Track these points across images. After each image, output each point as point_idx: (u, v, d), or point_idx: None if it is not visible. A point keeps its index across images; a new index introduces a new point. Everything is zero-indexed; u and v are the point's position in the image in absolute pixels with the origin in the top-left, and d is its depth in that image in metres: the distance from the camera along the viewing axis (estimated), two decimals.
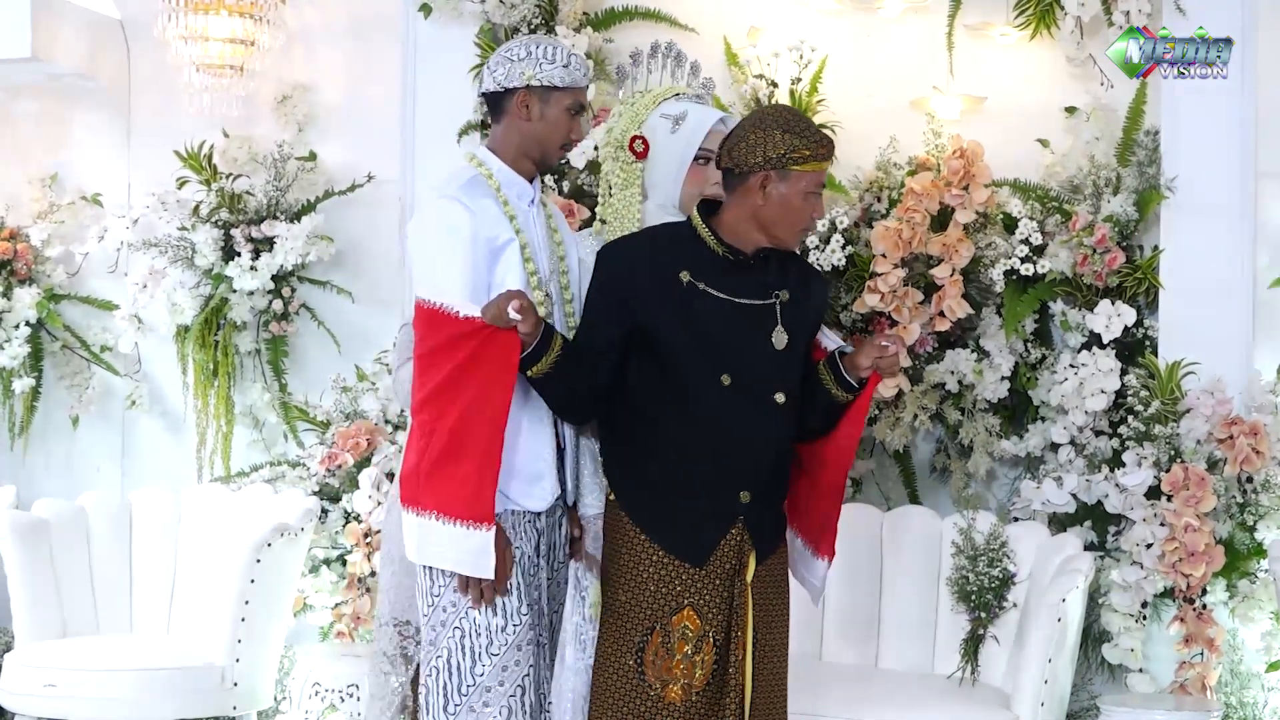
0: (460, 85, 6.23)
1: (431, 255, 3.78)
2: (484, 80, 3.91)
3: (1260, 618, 5.47)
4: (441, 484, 3.67)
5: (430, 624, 3.78)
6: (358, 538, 5.88)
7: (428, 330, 3.70)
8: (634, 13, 6.32)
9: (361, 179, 6.44)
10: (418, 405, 3.72)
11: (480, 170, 3.87)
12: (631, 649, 3.81)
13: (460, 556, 3.67)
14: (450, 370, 3.66)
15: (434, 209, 3.80)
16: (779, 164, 3.78)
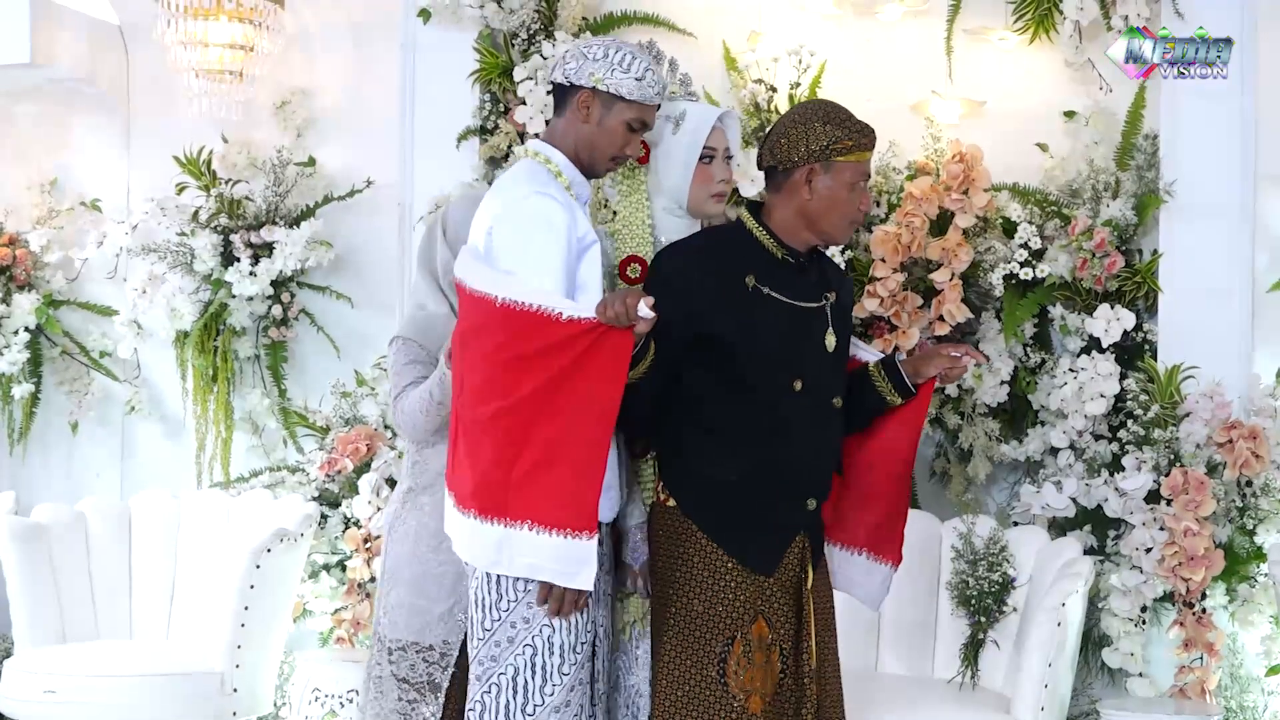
0: (460, 90, 6.23)
1: (527, 255, 3.61)
2: (554, 69, 3.82)
3: (1260, 622, 5.47)
4: (537, 492, 3.53)
5: (493, 639, 3.65)
6: (357, 543, 5.87)
7: (514, 334, 3.54)
8: (632, 18, 6.32)
9: (361, 184, 6.45)
10: (498, 411, 3.55)
11: (549, 166, 3.76)
12: (713, 659, 3.74)
13: (560, 567, 3.53)
14: (552, 374, 3.51)
15: (529, 205, 3.63)
16: (822, 156, 3.77)
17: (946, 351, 4.03)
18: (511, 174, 3.77)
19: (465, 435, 3.65)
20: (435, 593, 4.08)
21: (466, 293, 3.66)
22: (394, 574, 4.16)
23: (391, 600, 4.15)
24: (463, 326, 3.69)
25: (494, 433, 3.56)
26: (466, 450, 3.63)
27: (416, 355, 4.09)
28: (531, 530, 3.54)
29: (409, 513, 4.14)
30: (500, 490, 3.56)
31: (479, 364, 3.60)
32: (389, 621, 4.14)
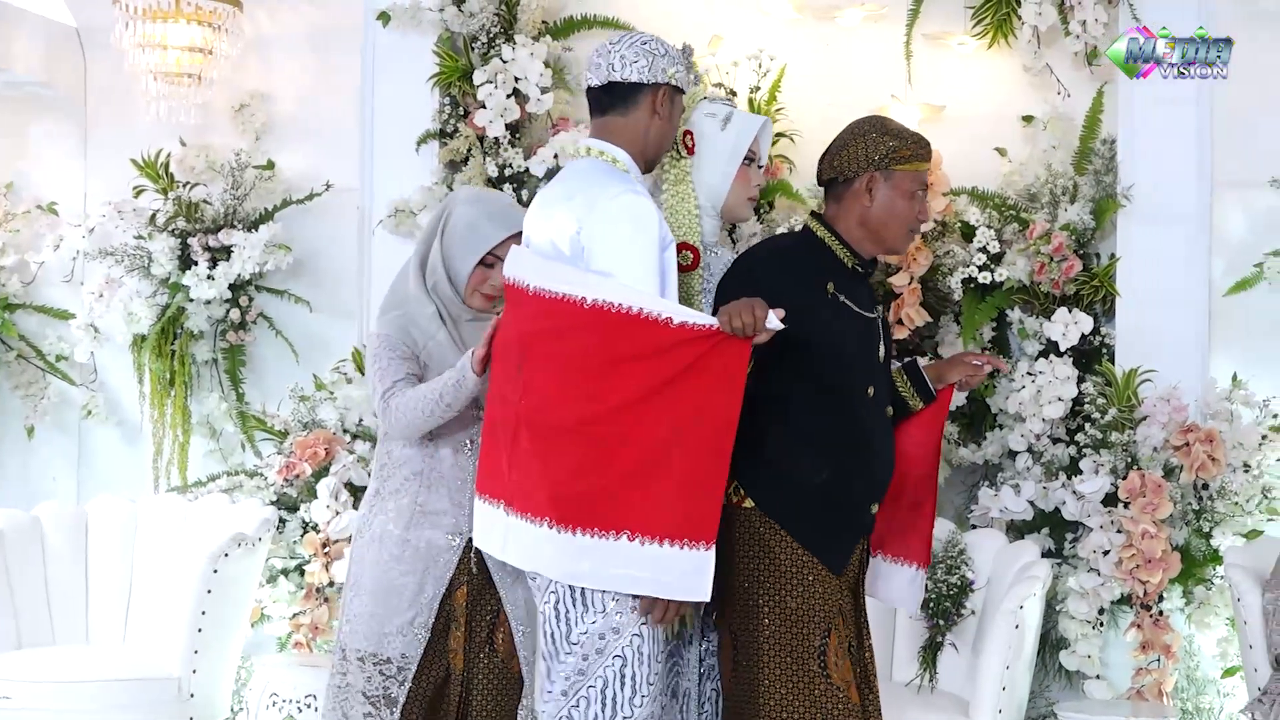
0: (419, 93, 6.22)
1: (626, 255, 3.51)
2: (614, 68, 3.70)
3: (1216, 624, 5.50)
4: (641, 501, 3.42)
5: (580, 652, 3.53)
6: (316, 548, 5.85)
7: (609, 337, 3.44)
8: (593, 21, 6.33)
9: (320, 188, 6.42)
10: (587, 417, 3.44)
11: (616, 165, 3.69)
12: (814, 653, 3.74)
13: (669, 578, 3.41)
14: (657, 381, 3.41)
15: (625, 204, 3.53)
16: (882, 164, 3.86)
17: (969, 359, 4.14)
18: (584, 173, 3.67)
19: (534, 442, 3.53)
20: (396, 604, 4.03)
21: (533, 295, 3.56)
22: (357, 581, 4.09)
23: (354, 608, 4.07)
24: (528, 329, 3.58)
25: (581, 440, 3.46)
26: (535, 457, 3.52)
27: (403, 351, 4.04)
28: (633, 540, 3.42)
29: (375, 517, 4.10)
30: (589, 499, 3.46)
31: (558, 368, 3.51)
32: (349, 631, 4.08)
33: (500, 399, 3.69)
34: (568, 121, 6.17)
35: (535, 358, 3.56)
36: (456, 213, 4.09)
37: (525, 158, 6.08)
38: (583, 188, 3.61)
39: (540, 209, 3.72)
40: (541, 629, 3.61)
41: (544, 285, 3.55)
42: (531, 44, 6.12)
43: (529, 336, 3.58)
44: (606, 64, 3.72)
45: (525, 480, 3.56)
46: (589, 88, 3.78)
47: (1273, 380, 5.73)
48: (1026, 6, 5.84)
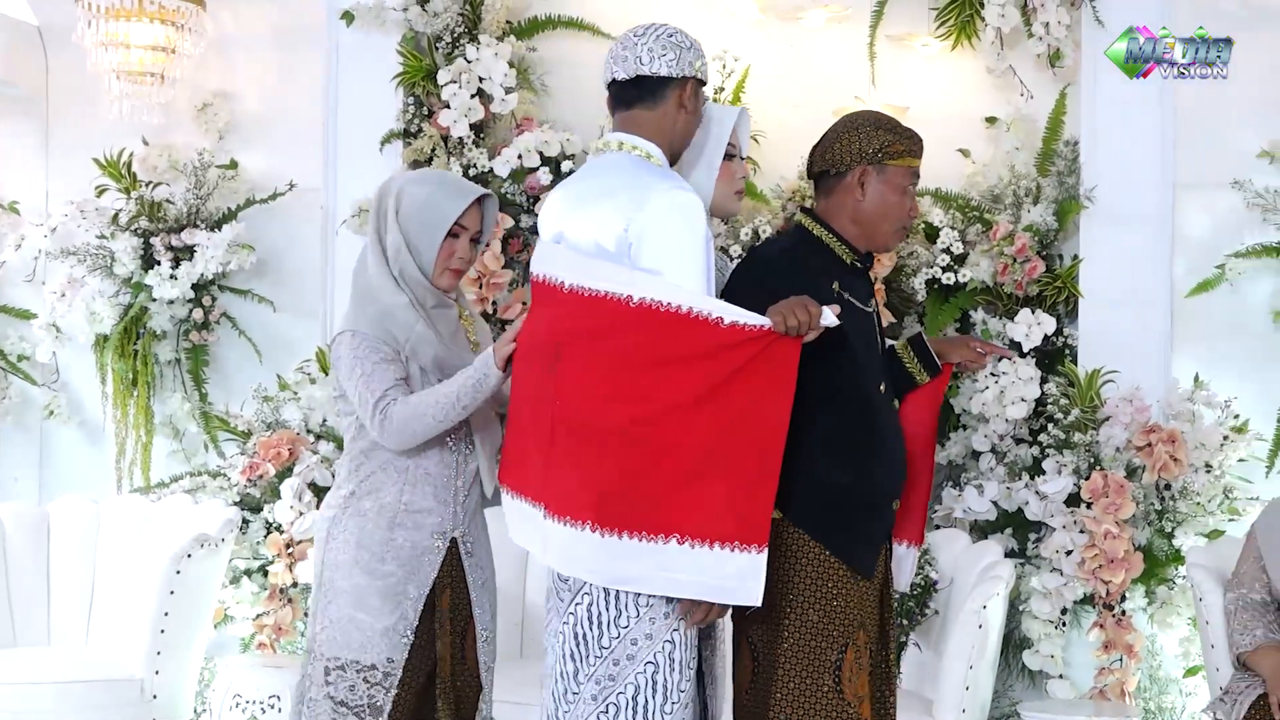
0: (383, 93, 6.21)
1: (677, 253, 3.44)
2: (642, 61, 3.63)
3: (1178, 624, 5.52)
4: (691, 505, 3.36)
5: (611, 657, 3.47)
6: (279, 548, 5.84)
7: (656, 336, 3.37)
8: (556, 21, 6.33)
9: (283, 187, 6.40)
10: (635, 418, 3.37)
11: (651, 160, 3.63)
12: (829, 669, 3.68)
13: (720, 582, 3.35)
14: (708, 382, 3.35)
15: (676, 201, 3.46)
16: (875, 158, 3.79)
17: (973, 344, 4.10)
18: (622, 169, 3.59)
19: (576, 443, 3.46)
20: (379, 606, 3.91)
21: (569, 292, 3.51)
22: (332, 585, 3.95)
23: (330, 614, 3.93)
24: (564, 327, 3.52)
25: (628, 442, 3.39)
26: (576, 459, 3.45)
27: (386, 353, 3.90)
28: (682, 544, 3.36)
29: (349, 519, 3.95)
30: (636, 502, 3.39)
31: (602, 368, 3.44)
32: (326, 638, 3.93)
33: (532, 399, 3.62)
34: (532, 122, 6.16)
35: (574, 357, 3.49)
36: (409, 192, 3.99)
37: (489, 158, 6.07)
38: (626, 184, 3.53)
39: (575, 205, 3.63)
40: (571, 632, 3.53)
41: (583, 283, 3.49)
42: (496, 44, 6.11)
43: (565, 335, 3.52)
44: (634, 57, 3.66)
45: (564, 482, 3.49)
46: (613, 80, 3.71)
47: (1234, 381, 5.76)
48: (989, 8, 5.86)
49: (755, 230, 5.89)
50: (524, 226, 6.06)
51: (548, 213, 3.75)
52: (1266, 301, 5.85)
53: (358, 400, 3.90)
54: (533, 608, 5.82)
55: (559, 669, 3.56)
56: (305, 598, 5.89)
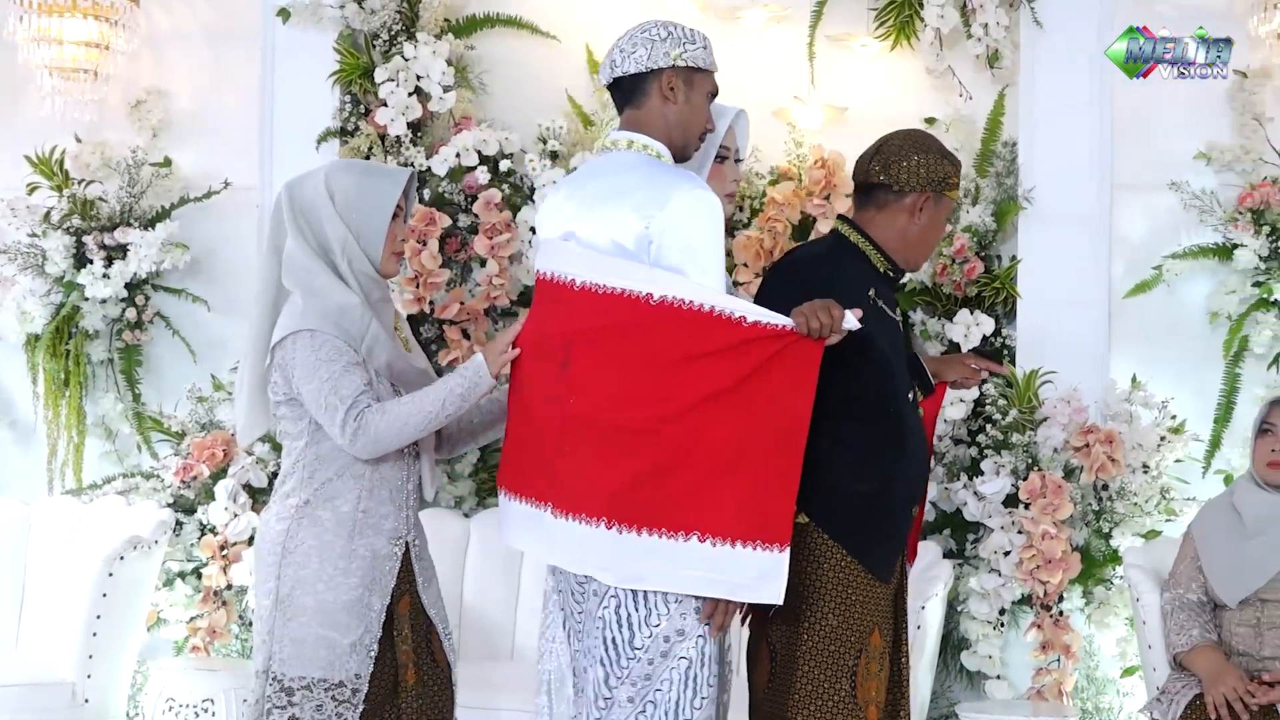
0: (320, 91, 6.16)
1: (701, 251, 3.44)
2: (616, 63, 3.65)
3: (1115, 624, 5.54)
4: (714, 503, 3.36)
5: (645, 656, 3.44)
6: (213, 550, 5.79)
7: (678, 335, 3.37)
8: (495, 20, 6.29)
9: (218, 185, 6.35)
10: (657, 416, 3.37)
11: (660, 159, 3.62)
12: (845, 673, 3.68)
13: (742, 580, 3.36)
14: (730, 381, 3.36)
15: (705, 201, 3.46)
16: (937, 187, 3.86)
17: (967, 360, 4.15)
18: (635, 167, 3.58)
19: (593, 441, 3.44)
20: (346, 622, 3.80)
21: (580, 290, 3.49)
22: (291, 601, 3.80)
23: (292, 632, 3.79)
24: (576, 325, 3.50)
25: (649, 439, 3.38)
26: (592, 456, 3.43)
27: (351, 356, 3.79)
28: (703, 541, 3.36)
29: (306, 530, 3.82)
30: (656, 499, 3.38)
31: (621, 366, 3.42)
32: (288, 657, 3.79)
33: (539, 398, 3.59)
34: (470, 120, 6.13)
35: (588, 355, 3.48)
36: (341, 182, 3.88)
37: (427, 156, 6.04)
38: (643, 182, 3.51)
39: (588, 204, 3.59)
40: (601, 636, 3.49)
41: (598, 280, 3.47)
42: (434, 42, 6.07)
43: (577, 333, 3.50)
44: (610, 61, 3.67)
45: (577, 481, 3.47)
46: (606, 87, 3.73)
47: (1171, 381, 5.79)
48: (929, 9, 5.86)
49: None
50: (461, 226, 6.02)
51: (553, 211, 3.71)
52: (1203, 302, 5.88)
53: (323, 405, 3.76)
54: (470, 610, 5.79)
55: (593, 675, 3.52)
56: (240, 600, 5.84)
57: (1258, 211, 5.73)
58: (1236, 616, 4.64)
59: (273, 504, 3.94)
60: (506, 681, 5.35)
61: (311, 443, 3.86)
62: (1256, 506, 4.68)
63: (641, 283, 3.41)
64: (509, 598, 5.87)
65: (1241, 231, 5.72)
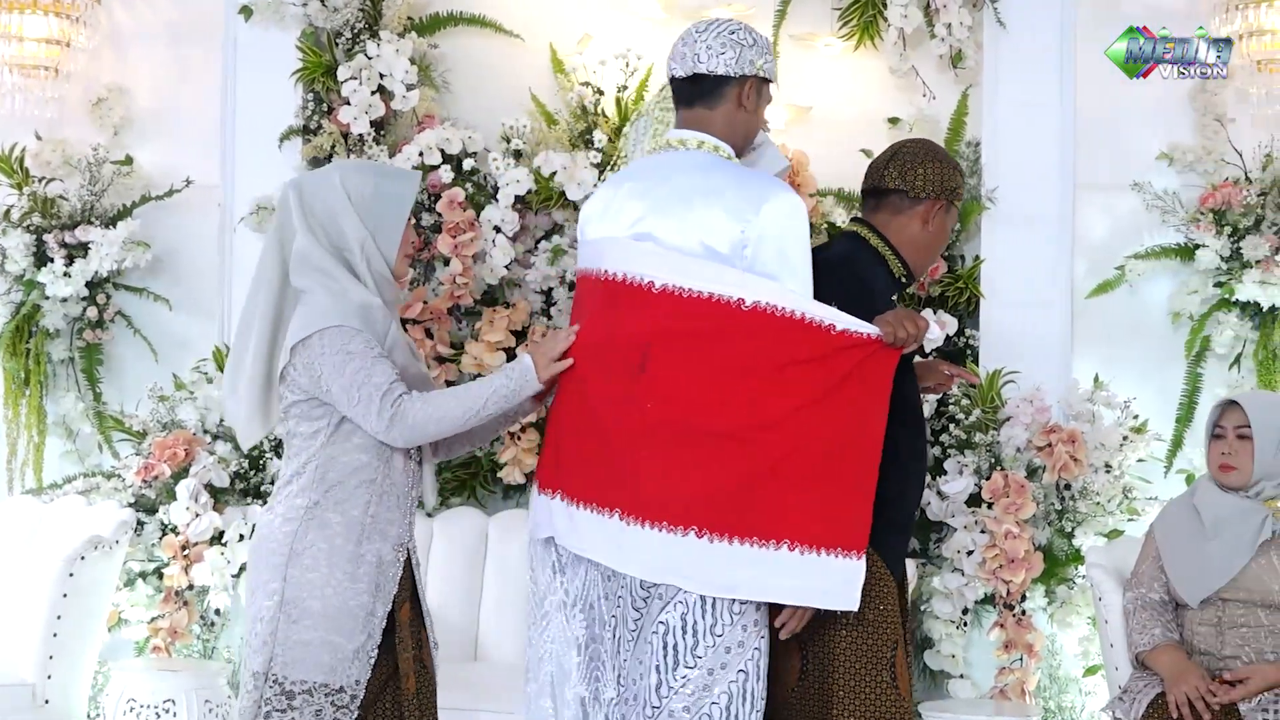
0: (282, 89, 6.13)
1: (799, 259, 3.45)
2: (700, 58, 3.61)
3: (1078, 623, 5.55)
4: (802, 510, 3.38)
5: (705, 666, 3.43)
6: (175, 550, 5.76)
7: (770, 342, 3.38)
8: (459, 18, 6.28)
9: (180, 184, 6.30)
10: (750, 424, 3.37)
11: (732, 160, 3.63)
12: (885, 665, 3.73)
13: (827, 587, 3.40)
14: (820, 389, 3.38)
15: (799, 206, 3.48)
16: (951, 196, 3.94)
17: (942, 368, 4.14)
18: (715, 168, 3.56)
19: (680, 447, 3.41)
20: (350, 628, 3.76)
21: (661, 292, 3.45)
22: (297, 604, 3.74)
23: (297, 635, 3.75)
24: (656, 328, 3.46)
25: (742, 446, 3.39)
26: (678, 463, 3.40)
27: (379, 350, 3.73)
28: (793, 550, 3.37)
29: (315, 533, 3.77)
30: (749, 507, 3.38)
31: (713, 371, 3.41)
32: (291, 660, 3.75)
33: (603, 401, 3.54)
34: (433, 119, 6.11)
35: (671, 359, 3.45)
36: (356, 182, 3.83)
37: (390, 155, 6.02)
38: (730, 185, 3.50)
39: (666, 204, 3.54)
40: (661, 642, 3.46)
41: (684, 284, 3.44)
42: (397, 40, 6.05)
43: (657, 336, 3.46)
44: (692, 54, 3.63)
45: (658, 487, 3.44)
46: (673, 77, 3.68)
47: (1134, 381, 5.81)
48: (892, 9, 5.87)
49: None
50: (425, 225, 6.00)
51: (615, 209, 3.65)
52: (1165, 303, 5.90)
53: (356, 397, 3.70)
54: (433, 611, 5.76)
55: (645, 682, 3.49)
56: (201, 600, 5.81)
57: (1219, 212, 5.76)
58: (1198, 616, 4.65)
59: (277, 503, 3.87)
60: (483, 682, 5.35)
61: (327, 444, 3.80)
62: (1216, 507, 4.69)
63: (733, 287, 3.40)
64: (471, 598, 5.86)
65: (1203, 232, 5.75)
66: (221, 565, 5.75)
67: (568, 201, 5.95)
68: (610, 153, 5.99)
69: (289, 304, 3.88)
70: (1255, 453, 4.64)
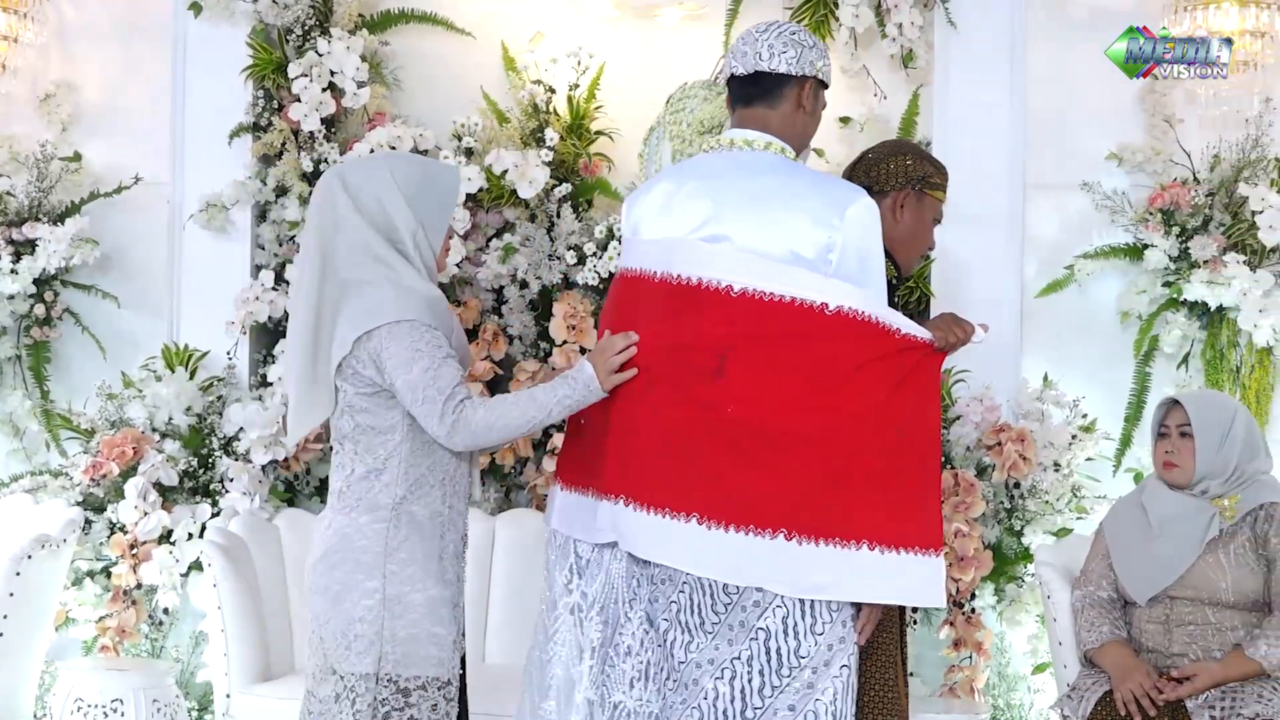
0: (232, 86, 6.11)
1: (878, 265, 3.49)
2: (762, 57, 3.60)
3: (1027, 621, 5.58)
4: (880, 510, 3.41)
5: (809, 666, 3.44)
6: (123, 549, 5.72)
7: (850, 344, 3.41)
8: (410, 15, 6.27)
9: (128, 181, 6.27)
10: (836, 424, 3.40)
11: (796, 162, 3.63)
12: (892, 663, 3.81)
13: (910, 585, 3.42)
14: (888, 390, 3.42)
15: (875, 212, 3.51)
16: (916, 185, 4.01)
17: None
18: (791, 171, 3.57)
19: (764, 450, 3.41)
20: (449, 617, 3.72)
21: (740, 296, 3.43)
22: (400, 600, 3.68)
23: (405, 631, 3.67)
24: (734, 331, 3.43)
25: (823, 448, 3.40)
26: (764, 466, 3.42)
27: (448, 349, 3.66)
28: (873, 549, 3.39)
29: (407, 527, 3.70)
30: (831, 508, 3.40)
31: (799, 375, 3.41)
32: (402, 657, 3.67)
33: (679, 404, 3.50)
34: (384, 116, 6.10)
35: (752, 362, 3.43)
36: (404, 171, 3.74)
37: (341, 152, 6.00)
38: (810, 190, 3.51)
39: (744, 206, 3.50)
40: (762, 646, 3.46)
41: (766, 287, 3.43)
42: (348, 37, 6.04)
43: (737, 339, 3.44)
44: (754, 52, 3.63)
45: (742, 491, 3.42)
46: (733, 76, 3.67)
47: (1082, 380, 5.84)
48: (844, 8, 5.88)
49: (609, 228, 5.85)
50: None
51: (679, 209, 3.60)
52: (1114, 302, 5.93)
53: (420, 397, 3.62)
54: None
55: (737, 684, 3.48)
56: (149, 599, 5.78)
57: (1168, 212, 5.79)
58: (1146, 614, 4.68)
59: (356, 502, 3.74)
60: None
61: (406, 438, 3.71)
62: (1162, 506, 4.72)
63: (814, 291, 3.41)
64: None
65: (1152, 232, 5.78)
66: (170, 564, 5.72)
67: (519, 200, 5.94)
68: (563, 151, 5.99)
69: (330, 296, 3.72)
70: (1197, 450, 4.66)
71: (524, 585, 5.63)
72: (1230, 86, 5.86)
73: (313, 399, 3.77)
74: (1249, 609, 4.59)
